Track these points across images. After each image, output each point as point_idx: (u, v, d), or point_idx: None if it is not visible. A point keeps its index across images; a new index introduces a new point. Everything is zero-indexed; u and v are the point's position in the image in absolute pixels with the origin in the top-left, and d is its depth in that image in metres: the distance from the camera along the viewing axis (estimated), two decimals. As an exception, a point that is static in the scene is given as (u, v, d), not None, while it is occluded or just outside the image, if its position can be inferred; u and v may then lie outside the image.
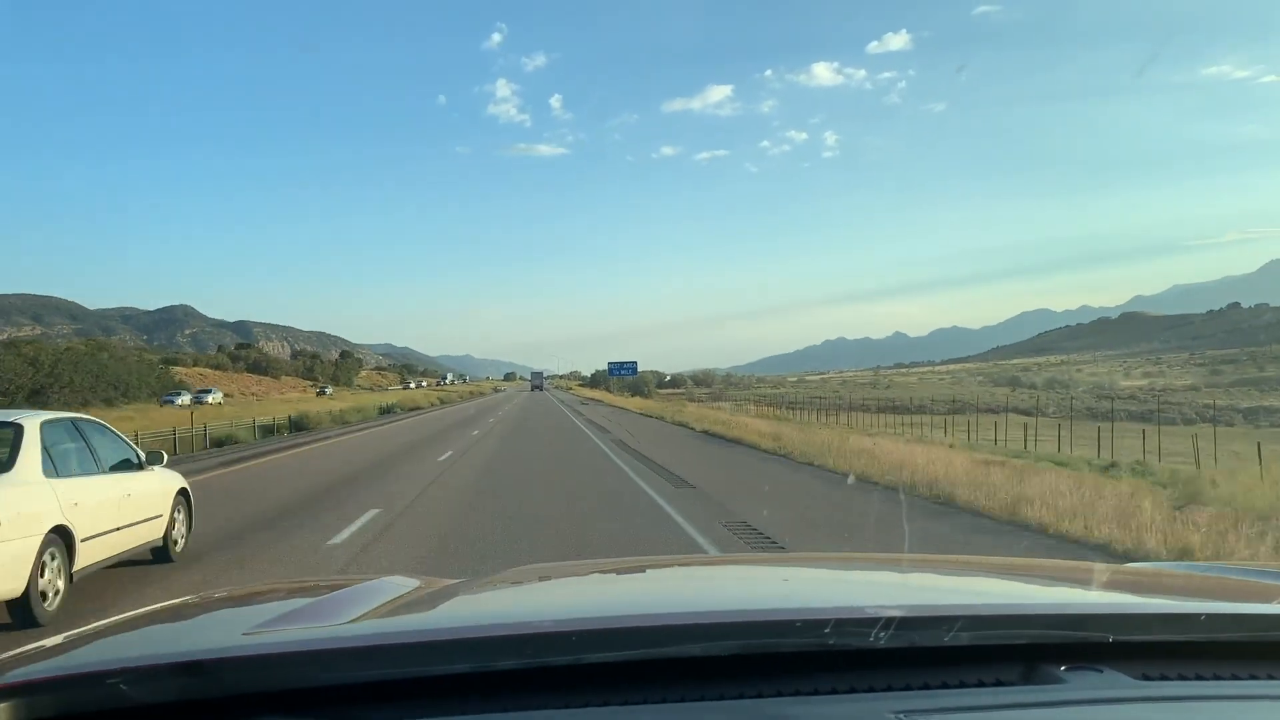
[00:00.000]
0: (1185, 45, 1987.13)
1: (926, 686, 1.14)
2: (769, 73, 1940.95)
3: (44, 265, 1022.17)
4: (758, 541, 9.34)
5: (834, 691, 1.14)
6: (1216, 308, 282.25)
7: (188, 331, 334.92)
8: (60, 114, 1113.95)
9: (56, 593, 6.28)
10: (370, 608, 1.47)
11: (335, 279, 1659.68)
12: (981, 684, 1.15)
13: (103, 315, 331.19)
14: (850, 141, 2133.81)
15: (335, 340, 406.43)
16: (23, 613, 5.96)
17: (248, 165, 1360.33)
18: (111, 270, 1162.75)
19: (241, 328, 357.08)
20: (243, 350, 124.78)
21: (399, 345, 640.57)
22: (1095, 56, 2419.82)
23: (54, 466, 6.57)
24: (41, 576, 6.06)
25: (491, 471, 17.30)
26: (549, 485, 14.85)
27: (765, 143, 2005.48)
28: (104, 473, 7.30)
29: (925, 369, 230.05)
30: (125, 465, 7.78)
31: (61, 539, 6.35)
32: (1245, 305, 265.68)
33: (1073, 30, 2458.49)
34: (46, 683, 1.13)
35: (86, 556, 6.69)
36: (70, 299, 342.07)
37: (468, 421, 40.49)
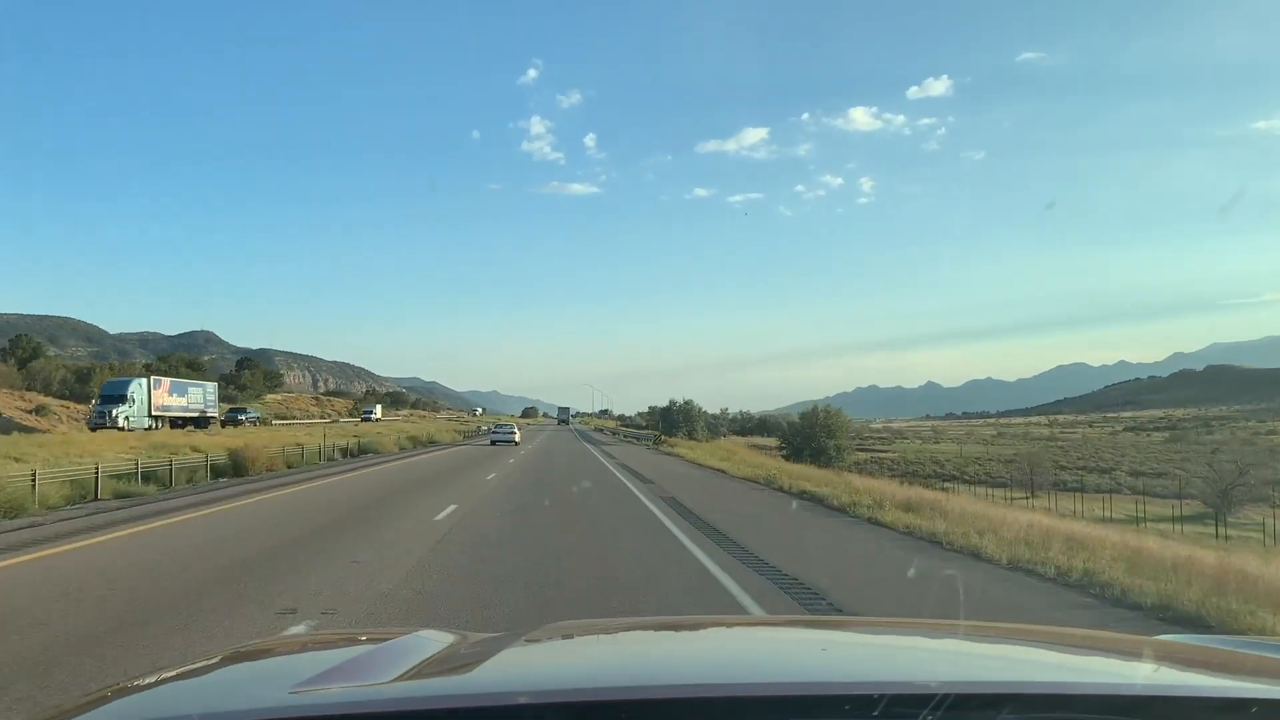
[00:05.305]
0: (1234, 99, 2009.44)
1: None
2: (806, 116, 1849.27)
3: (67, 288, 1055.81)
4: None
5: None
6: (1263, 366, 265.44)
7: (207, 358, 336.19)
8: (84, 132, 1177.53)
9: (519, 443, 58.47)
10: (410, 665, 1.56)
11: (362, 312, 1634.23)
12: None
13: (121, 339, 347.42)
14: (887, 188, 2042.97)
15: (359, 372, 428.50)
16: (515, 446, 56.94)
17: (277, 197, 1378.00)
18: (137, 296, 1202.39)
19: (263, 355, 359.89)
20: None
21: (425, 379, 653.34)
22: (1138, 107, 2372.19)
23: (516, 432, 62.28)
24: (521, 439, 60.12)
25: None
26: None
27: (800, 187, 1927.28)
28: (517, 430, 63.49)
29: (1032, 418, 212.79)
30: (518, 423, 64.66)
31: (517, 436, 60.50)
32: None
33: (1116, 80, 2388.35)
34: None
35: (519, 438, 60.01)
36: (91, 322, 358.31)
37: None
